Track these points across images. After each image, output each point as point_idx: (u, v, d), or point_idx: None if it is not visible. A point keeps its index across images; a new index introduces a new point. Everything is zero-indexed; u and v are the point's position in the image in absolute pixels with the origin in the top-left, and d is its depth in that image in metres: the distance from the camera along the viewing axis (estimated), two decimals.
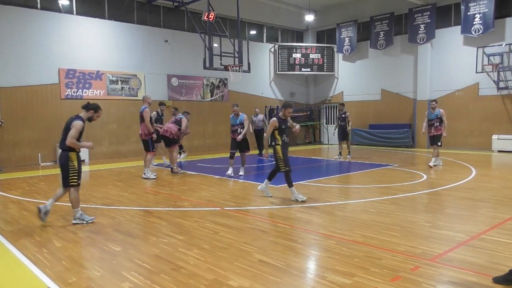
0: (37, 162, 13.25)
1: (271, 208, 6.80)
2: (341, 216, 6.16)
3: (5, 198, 7.87)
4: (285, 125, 7.21)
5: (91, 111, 6.15)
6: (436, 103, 11.31)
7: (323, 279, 3.75)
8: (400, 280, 3.67)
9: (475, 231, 5.17)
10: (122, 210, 6.66)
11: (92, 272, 4.01)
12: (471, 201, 6.97)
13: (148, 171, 9.98)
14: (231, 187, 8.86)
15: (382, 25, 18.37)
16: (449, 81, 16.67)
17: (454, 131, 16.37)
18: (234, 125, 10.08)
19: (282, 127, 7.15)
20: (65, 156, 5.91)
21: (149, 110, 9.76)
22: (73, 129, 5.89)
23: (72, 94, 13.90)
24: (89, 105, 6.17)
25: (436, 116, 11.10)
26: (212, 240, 4.99)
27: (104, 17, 14.82)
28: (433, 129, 11.16)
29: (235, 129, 10.05)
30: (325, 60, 20.56)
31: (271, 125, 7.16)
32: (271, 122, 7.17)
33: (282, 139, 7.16)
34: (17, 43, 12.78)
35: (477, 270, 3.90)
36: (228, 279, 3.76)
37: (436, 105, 11.22)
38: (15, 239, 5.12)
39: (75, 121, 5.97)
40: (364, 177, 9.94)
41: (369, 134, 18.88)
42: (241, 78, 14.82)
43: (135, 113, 14.05)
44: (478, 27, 15.38)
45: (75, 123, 5.94)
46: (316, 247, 4.77)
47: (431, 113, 11.24)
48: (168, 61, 16.38)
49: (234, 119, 10.07)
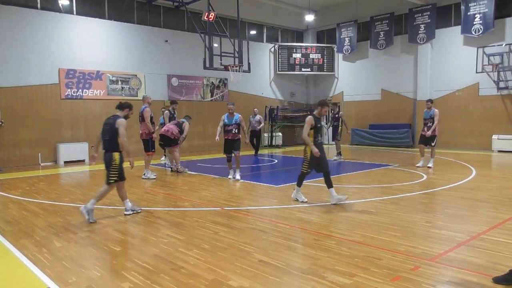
0: (37, 162, 13.25)
1: (271, 208, 6.80)
2: (341, 216, 6.16)
3: (5, 198, 7.86)
4: (320, 124, 6.87)
5: (126, 109, 6.39)
6: (432, 102, 11.11)
7: (323, 279, 3.75)
8: (400, 280, 3.67)
9: (475, 231, 5.17)
10: (122, 210, 6.66)
11: (92, 272, 4.01)
12: (471, 201, 6.97)
13: (148, 172, 9.97)
14: (231, 187, 8.86)
15: (382, 25, 18.37)
16: (449, 81, 16.67)
17: (454, 131, 16.38)
18: (229, 125, 9.43)
19: (318, 125, 6.78)
20: (109, 156, 6.11)
21: (149, 110, 9.75)
22: (121, 127, 6.05)
23: (72, 94, 13.90)
24: (123, 104, 6.41)
25: (431, 116, 10.91)
26: (212, 240, 4.99)
27: (104, 17, 14.82)
28: (426, 129, 10.93)
29: (229, 129, 9.41)
30: (325, 60, 20.56)
31: (308, 124, 6.72)
32: (308, 121, 6.74)
33: (315, 139, 6.80)
34: (17, 43, 12.79)
35: (477, 270, 3.90)
36: (228, 279, 3.76)
37: (432, 105, 11.02)
38: (15, 239, 5.12)
39: (118, 119, 6.11)
40: (364, 177, 9.94)
41: (369, 134, 18.88)
42: (241, 78, 14.82)
43: (135, 113, 14.02)
44: (478, 27, 15.38)
45: (121, 121, 6.09)
46: (316, 247, 4.77)
47: (426, 113, 11.09)
48: (168, 61, 16.38)
49: (229, 119, 9.45)
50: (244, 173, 10.21)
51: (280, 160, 14.20)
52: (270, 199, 7.45)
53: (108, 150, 6.14)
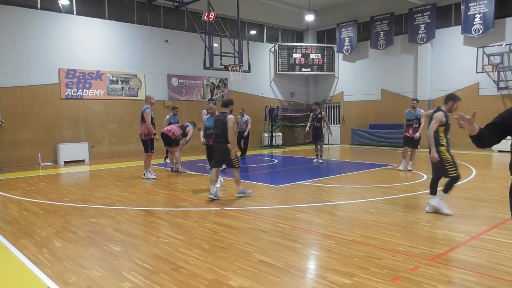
0: (37, 162, 13.25)
1: (271, 208, 6.80)
2: (341, 216, 6.16)
3: (5, 198, 7.87)
4: (449, 121, 5.96)
5: (230, 105, 7.39)
6: (417, 102, 10.56)
7: (323, 279, 3.75)
8: (400, 280, 3.67)
9: (475, 231, 5.17)
10: (122, 210, 6.66)
11: (92, 272, 4.01)
12: (471, 201, 6.97)
13: (147, 172, 9.96)
14: (231, 187, 8.86)
15: (382, 25, 18.37)
16: (449, 81, 16.66)
17: (454, 131, 16.26)
18: (210, 128, 7.92)
19: (449, 123, 5.97)
20: (224, 148, 7.22)
21: (149, 111, 9.68)
22: (230, 122, 7.09)
23: (72, 94, 13.90)
24: (226, 101, 7.45)
25: (416, 116, 10.37)
26: (212, 240, 4.99)
27: (104, 17, 14.82)
28: (411, 130, 10.42)
29: (210, 132, 7.90)
30: (325, 60, 20.56)
31: (437, 120, 5.89)
32: (438, 117, 5.88)
33: (446, 138, 6.05)
34: (17, 43, 12.79)
35: (477, 270, 3.90)
36: (228, 279, 3.76)
37: (417, 105, 10.47)
38: (15, 239, 5.12)
39: (228, 116, 7.18)
40: (364, 177, 9.94)
41: (369, 134, 18.87)
42: (241, 78, 14.81)
43: (135, 113, 14.09)
44: (478, 27, 15.38)
45: (230, 117, 7.16)
46: (316, 247, 4.77)
47: (410, 113, 10.50)
48: (168, 61, 16.38)
49: (210, 121, 7.94)
50: (244, 173, 10.20)
51: (280, 160, 14.20)
52: (270, 199, 7.45)
53: (221, 142, 7.21)
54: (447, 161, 5.94)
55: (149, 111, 9.68)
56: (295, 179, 9.39)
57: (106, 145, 14.85)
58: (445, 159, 5.95)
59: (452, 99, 5.94)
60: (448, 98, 6.01)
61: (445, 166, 5.94)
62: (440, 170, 6.03)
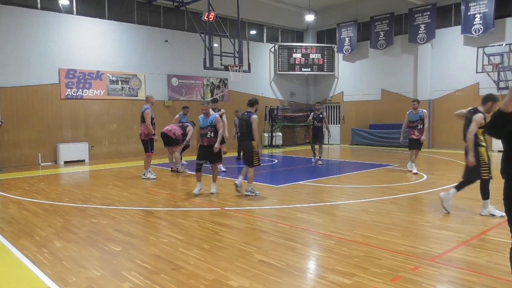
0: (37, 162, 13.25)
1: (271, 208, 6.80)
2: (341, 216, 6.16)
3: (5, 198, 7.87)
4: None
5: (256, 105, 7.71)
6: (418, 103, 10.25)
7: (323, 279, 3.74)
8: (400, 280, 3.67)
9: (475, 231, 5.17)
10: (122, 210, 6.66)
11: (92, 272, 4.01)
12: (471, 201, 6.96)
13: (147, 172, 9.96)
14: (231, 187, 8.85)
15: (382, 25, 18.37)
16: (449, 81, 16.66)
17: (455, 131, 16.33)
18: (203, 128, 7.78)
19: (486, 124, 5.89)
20: (249, 144, 7.59)
21: (149, 111, 9.67)
22: (254, 122, 7.43)
23: (72, 94, 13.90)
24: (252, 101, 7.76)
25: (420, 117, 10.12)
26: (212, 240, 4.99)
27: (104, 17, 14.82)
28: (417, 132, 10.13)
29: (204, 132, 7.77)
30: (325, 60, 20.55)
31: (477, 122, 5.73)
32: (478, 119, 5.73)
33: (485, 139, 5.89)
34: (17, 43, 12.79)
35: (477, 270, 3.90)
36: (228, 279, 3.76)
37: (418, 105, 10.19)
38: (15, 239, 5.12)
39: (253, 115, 7.51)
40: (364, 177, 9.93)
41: (369, 134, 18.88)
42: (241, 78, 14.81)
43: (135, 113, 14.08)
44: (478, 27, 15.38)
45: (254, 118, 7.48)
46: (316, 247, 4.77)
47: (413, 114, 10.21)
48: (168, 61, 16.38)
49: (204, 120, 7.81)
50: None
51: (280, 160, 14.20)
52: (270, 199, 7.45)
53: (246, 139, 7.57)
54: (483, 162, 5.85)
55: (149, 111, 9.68)
56: (295, 179, 9.39)
57: (106, 145, 14.85)
58: (482, 160, 5.85)
59: (491, 99, 5.81)
60: (487, 99, 5.86)
61: (480, 167, 5.84)
62: (474, 174, 5.94)
